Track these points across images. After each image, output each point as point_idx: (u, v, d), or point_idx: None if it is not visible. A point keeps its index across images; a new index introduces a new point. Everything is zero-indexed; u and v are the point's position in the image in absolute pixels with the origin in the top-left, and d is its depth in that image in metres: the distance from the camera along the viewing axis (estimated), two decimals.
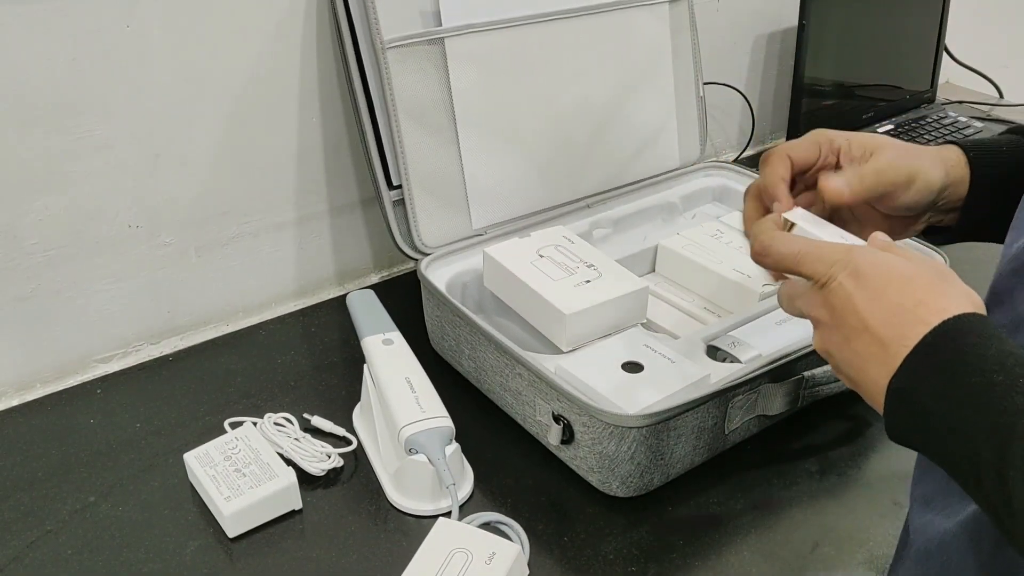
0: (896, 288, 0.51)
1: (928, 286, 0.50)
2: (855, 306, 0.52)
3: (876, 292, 0.51)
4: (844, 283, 0.53)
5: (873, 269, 0.52)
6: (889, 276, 0.51)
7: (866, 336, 0.51)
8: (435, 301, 0.87)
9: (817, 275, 0.55)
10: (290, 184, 1.00)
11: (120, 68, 0.84)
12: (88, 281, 0.90)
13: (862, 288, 0.52)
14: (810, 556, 0.71)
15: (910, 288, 0.50)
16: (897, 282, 0.51)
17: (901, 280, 0.51)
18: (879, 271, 0.52)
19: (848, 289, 0.52)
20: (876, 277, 0.52)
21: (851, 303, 0.52)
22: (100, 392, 0.89)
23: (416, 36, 0.89)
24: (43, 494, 0.76)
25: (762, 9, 1.34)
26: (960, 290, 0.51)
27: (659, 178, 1.08)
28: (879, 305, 0.51)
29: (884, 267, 0.52)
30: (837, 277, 0.53)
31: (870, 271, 0.52)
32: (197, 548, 0.71)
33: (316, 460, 0.76)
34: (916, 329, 0.48)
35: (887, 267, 0.52)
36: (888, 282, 0.51)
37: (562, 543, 0.71)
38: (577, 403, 0.71)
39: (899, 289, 0.51)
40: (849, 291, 0.52)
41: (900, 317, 0.49)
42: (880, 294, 0.51)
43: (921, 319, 0.49)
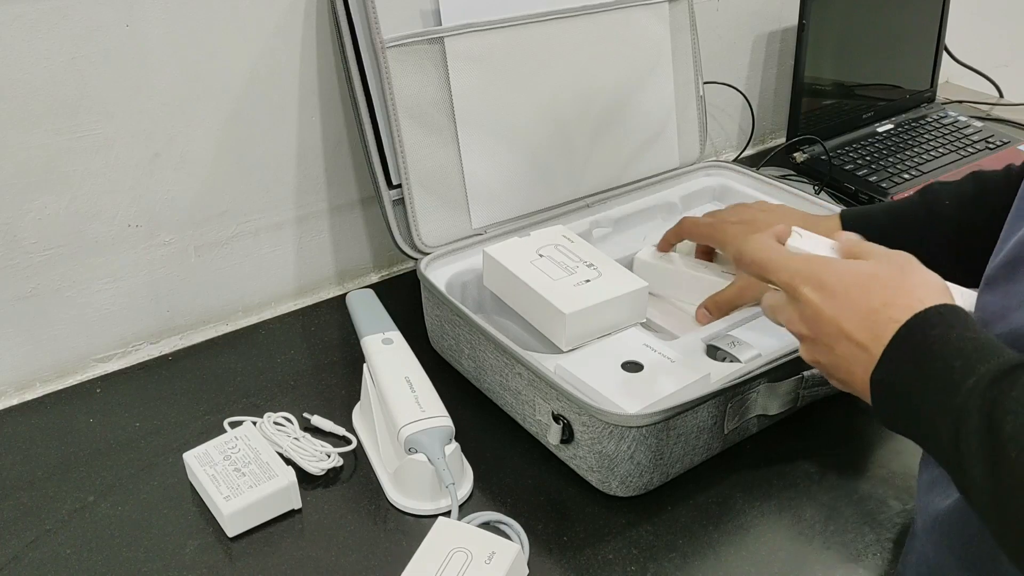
0: (860, 293, 0.55)
1: (891, 285, 0.54)
2: (827, 317, 0.56)
3: (843, 300, 0.55)
4: (810, 296, 0.57)
5: (835, 278, 0.56)
6: (852, 282, 0.55)
7: (845, 342, 0.55)
8: (435, 300, 0.87)
9: (782, 284, 0.59)
10: (290, 183, 1.00)
11: (120, 67, 0.84)
12: (87, 280, 0.90)
13: (829, 298, 0.56)
14: (810, 556, 0.71)
15: (874, 290, 0.54)
16: (860, 287, 0.55)
17: (864, 284, 0.55)
18: (841, 279, 0.56)
19: (816, 302, 0.56)
20: (839, 285, 0.55)
21: (823, 315, 0.56)
22: (99, 391, 0.89)
23: (416, 35, 0.89)
24: (42, 493, 0.76)
25: (762, 8, 1.34)
26: (922, 281, 0.55)
27: (659, 177, 1.08)
28: (849, 312, 0.54)
29: (846, 274, 0.56)
30: (801, 289, 0.57)
31: (832, 280, 0.56)
32: (196, 547, 0.71)
33: (316, 459, 0.76)
34: (888, 327, 0.52)
35: (848, 273, 0.56)
36: (851, 287, 0.55)
37: (562, 543, 0.71)
38: (577, 402, 0.71)
39: (864, 293, 0.54)
40: (817, 304, 0.56)
41: (872, 319, 0.53)
42: (847, 301, 0.55)
43: (891, 318, 0.52)
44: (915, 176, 1.24)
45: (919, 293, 0.53)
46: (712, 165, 1.11)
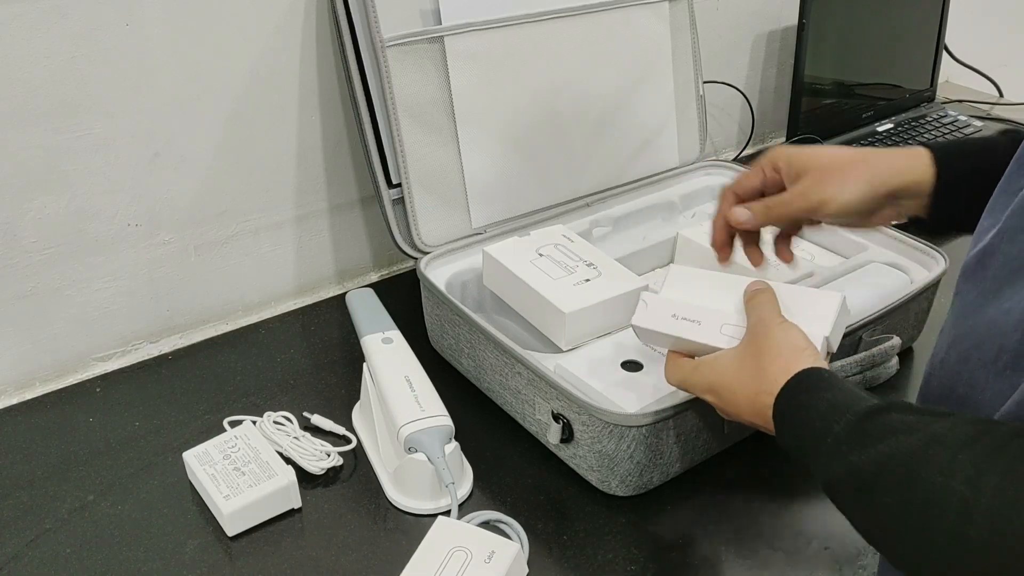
0: (739, 386, 0.64)
1: (754, 372, 0.63)
2: (731, 413, 0.66)
3: (730, 397, 0.65)
4: (712, 400, 0.67)
5: (717, 379, 0.66)
6: (729, 380, 0.65)
7: (756, 426, 0.64)
8: (435, 300, 0.87)
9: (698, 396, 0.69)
10: (290, 183, 1.00)
11: (119, 67, 0.84)
12: (87, 280, 0.90)
13: (721, 398, 0.66)
14: (809, 556, 0.71)
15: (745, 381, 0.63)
16: (737, 382, 0.64)
17: (737, 378, 0.64)
18: (720, 379, 0.65)
19: (718, 404, 0.66)
20: (722, 385, 0.65)
21: (728, 412, 0.66)
22: (99, 391, 0.89)
23: (416, 35, 0.89)
24: (42, 492, 0.76)
25: (762, 8, 1.34)
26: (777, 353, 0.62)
27: (659, 177, 1.08)
28: (740, 406, 0.64)
29: (721, 374, 0.66)
30: (705, 397, 0.67)
31: (715, 381, 0.66)
32: (196, 547, 0.71)
33: (315, 459, 0.76)
34: (767, 412, 0.61)
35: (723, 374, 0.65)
36: (732, 385, 0.64)
37: (561, 542, 0.71)
38: (576, 402, 0.71)
39: (741, 386, 0.64)
40: (719, 405, 0.66)
41: (755, 408, 0.62)
42: (734, 397, 0.64)
43: (765, 404, 0.61)
44: None
45: (775, 370, 0.61)
46: (712, 164, 1.11)
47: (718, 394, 0.66)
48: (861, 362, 0.77)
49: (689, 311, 0.70)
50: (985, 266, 0.58)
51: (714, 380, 0.66)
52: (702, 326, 0.69)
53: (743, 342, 0.66)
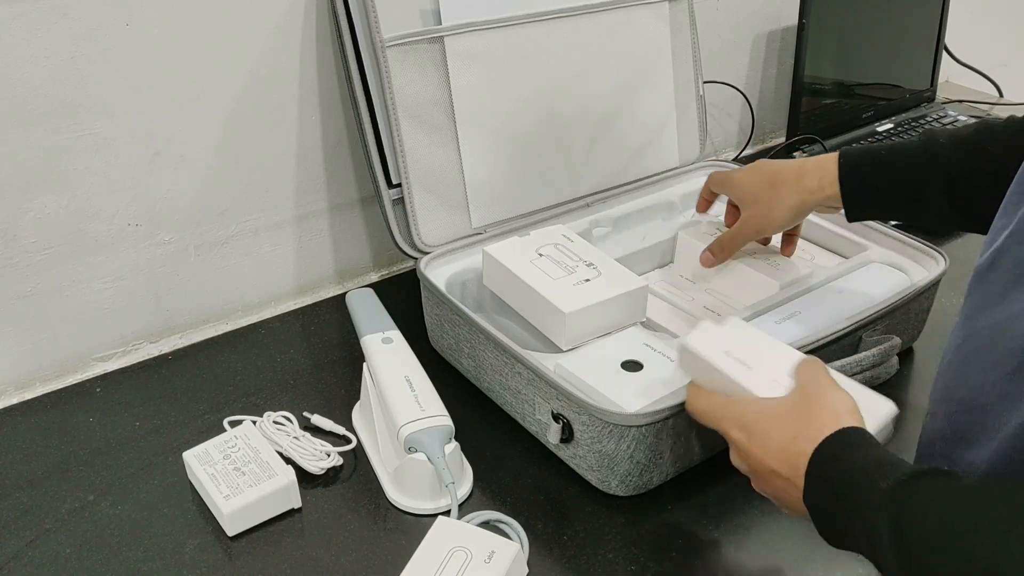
0: (776, 430, 0.61)
1: (800, 418, 0.60)
2: (754, 456, 0.62)
3: (762, 438, 0.61)
4: (737, 438, 0.63)
5: (753, 417, 0.62)
6: (767, 422, 0.62)
7: (775, 477, 0.60)
8: (434, 300, 0.87)
9: (719, 431, 0.65)
10: (290, 183, 1.00)
11: (119, 67, 0.84)
12: (87, 280, 0.90)
13: (752, 437, 0.62)
14: (809, 556, 0.71)
15: (785, 425, 0.60)
16: (775, 424, 0.61)
17: (776, 421, 0.61)
18: (758, 418, 0.62)
19: (743, 443, 0.63)
20: (757, 425, 0.62)
21: (751, 454, 0.62)
22: (99, 391, 0.89)
23: (416, 35, 0.89)
24: (42, 493, 0.76)
25: (762, 8, 1.34)
26: (824, 406, 0.60)
27: (659, 177, 1.08)
28: (769, 449, 0.61)
29: (760, 414, 0.62)
30: (730, 432, 0.64)
31: (751, 419, 0.63)
32: (196, 547, 0.71)
33: (315, 459, 0.76)
34: (801, 460, 0.58)
35: (762, 414, 0.62)
36: (768, 426, 0.61)
37: (561, 542, 0.71)
38: (576, 402, 0.71)
39: (778, 429, 0.60)
40: (744, 444, 0.63)
41: (787, 452, 0.59)
42: (766, 439, 0.61)
43: (801, 451, 0.58)
44: None
45: (822, 420, 0.59)
46: (712, 164, 1.11)
47: (749, 432, 0.62)
48: (861, 362, 0.77)
49: (745, 353, 0.67)
50: (995, 267, 0.57)
51: (750, 418, 0.63)
52: (752, 372, 0.66)
53: (791, 393, 0.63)
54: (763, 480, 0.62)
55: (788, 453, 0.59)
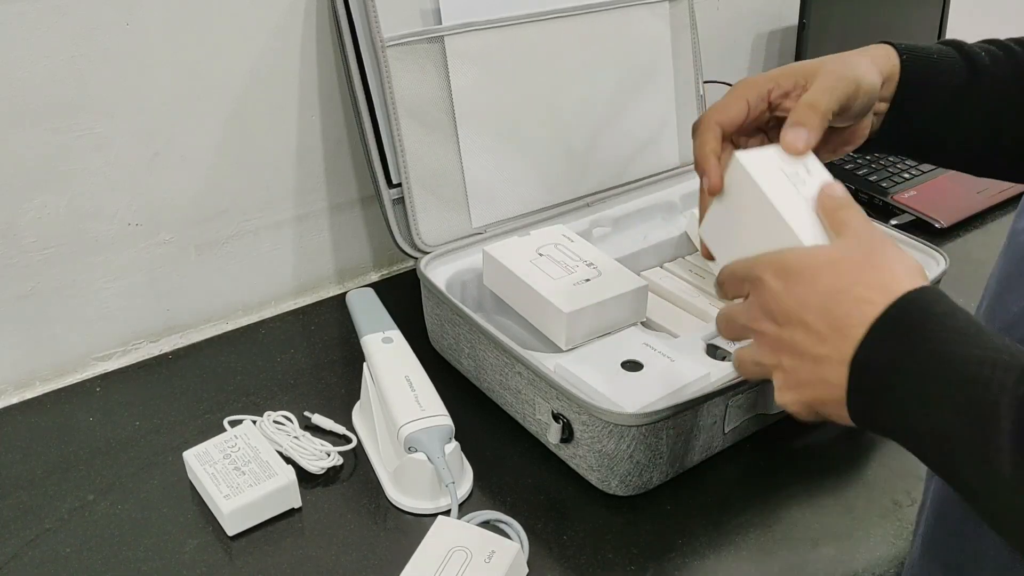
0: (827, 275, 0.48)
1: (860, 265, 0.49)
2: (786, 305, 0.49)
3: (808, 284, 0.49)
4: (771, 282, 0.51)
5: (798, 260, 0.50)
6: (817, 267, 0.49)
7: (802, 331, 0.49)
8: (435, 300, 0.87)
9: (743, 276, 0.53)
10: (290, 182, 1.00)
11: (119, 66, 0.84)
12: (87, 279, 0.90)
13: (792, 282, 0.50)
14: (809, 556, 0.71)
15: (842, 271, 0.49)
16: (827, 270, 0.49)
17: (829, 267, 0.49)
18: (805, 262, 0.50)
19: (777, 289, 0.50)
20: (803, 267, 0.50)
21: (781, 302, 0.50)
22: (99, 390, 0.89)
23: (416, 34, 0.89)
24: (42, 492, 0.76)
25: (762, 8, 1.34)
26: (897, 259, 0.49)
27: (659, 177, 1.08)
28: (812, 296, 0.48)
29: (809, 257, 0.50)
30: (763, 276, 0.51)
31: (795, 262, 0.50)
32: (196, 546, 0.71)
33: (315, 458, 0.76)
34: (863, 310, 0.47)
35: (811, 257, 0.50)
36: (818, 272, 0.49)
37: (561, 542, 0.71)
38: (576, 402, 0.71)
39: (831, 275, 0.48)
40: (778, 290, 0.50)
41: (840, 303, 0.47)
42: (811, 285, 0.49)
43: (866, 299, 0.47)
44: (915, 176, 1.24)
45: (895, 271, 0.48)
46: None
47: (789, 276, 0.50)
48: None
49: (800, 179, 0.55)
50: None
51: (794, 261, 0.50)
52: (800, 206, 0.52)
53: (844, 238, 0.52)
54: (773, 339, 0.51)
55: (840, 302, 0.47)
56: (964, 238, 1.10)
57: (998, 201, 1.20)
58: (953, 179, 1.24)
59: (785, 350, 0.51)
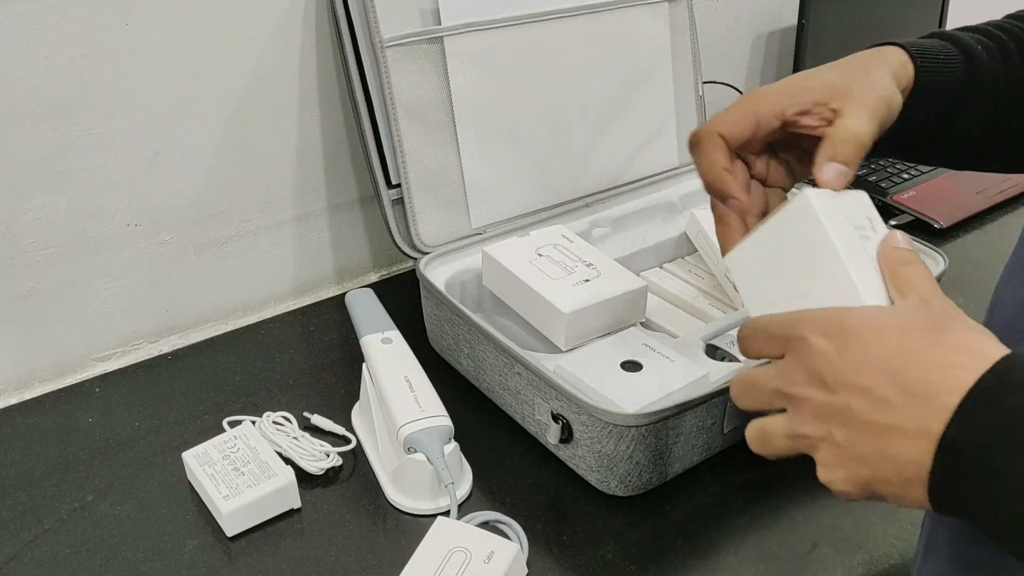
0: (889, 337, 0.42)
1: (930, 327, 0.42)
2: (840, 369, 0.42)
3: (866, 347, 0.42)
4: (818, 342, 0.43)
5: (853, 320, 0.43)
6: (876, 328, 0.42)
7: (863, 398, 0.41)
8: (434, 300, 0.87)
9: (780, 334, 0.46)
10: (289, 182, 1.00)
11: (119, 66, 0.84)
12: (87, 280, 0.90)
13: (846, 344, 0.42)
14: (809, 556, 0.71)
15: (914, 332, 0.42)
16: (889, 332, 0.42)
17: (891, 330, 0.42)
18: (861, 322, 0.43)
19: (827, 351, 0.43)
20: (857, 328, 0.42)
21: (834, 365, 0.42)
22: (99, 391, 0.89)
23: (415, 35, 0.89)
24: (41, 493, 0.76)
25: (762, 8, 1.34)
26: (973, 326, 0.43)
27: (658, 177, 1.08)
28: (873, 359, 0.41)
29: (864, 317, 0.43)
30: (808, 339, 0.44)
31: (849, 322, 0.43)
32: (196, 547, 0.71)
33: (315, 459, 0.76)
34: (953, 373, 0.39)
35: (867, 316, 0.43)
36: (878, 334, 0.42)
37: (561, 542, 0.71)
38: (576, 402, 0.71)
39: (895, 336, 0.41)
40: (828, 353, 0.43)
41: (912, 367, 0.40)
42: (871, 347, 0.42)
43: (950, 361, 0.40)
44: (914, 176, 1.24)
45: (973, 335, 0.41)
46: None
47: (844, 336, 0.43)
48: None
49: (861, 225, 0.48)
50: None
51: (848, 320, 0.43)
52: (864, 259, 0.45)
53: (907, 298, 0.44)
54: (821, 407, 0.43)
55: (916, 364, 0.40)
56: (963, 238, 1.10)
57: (997, 201, 1.20)
58: (952, 179, 1.24)
59: (837, 419, 0.43)
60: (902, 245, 0.47)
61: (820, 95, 0.55)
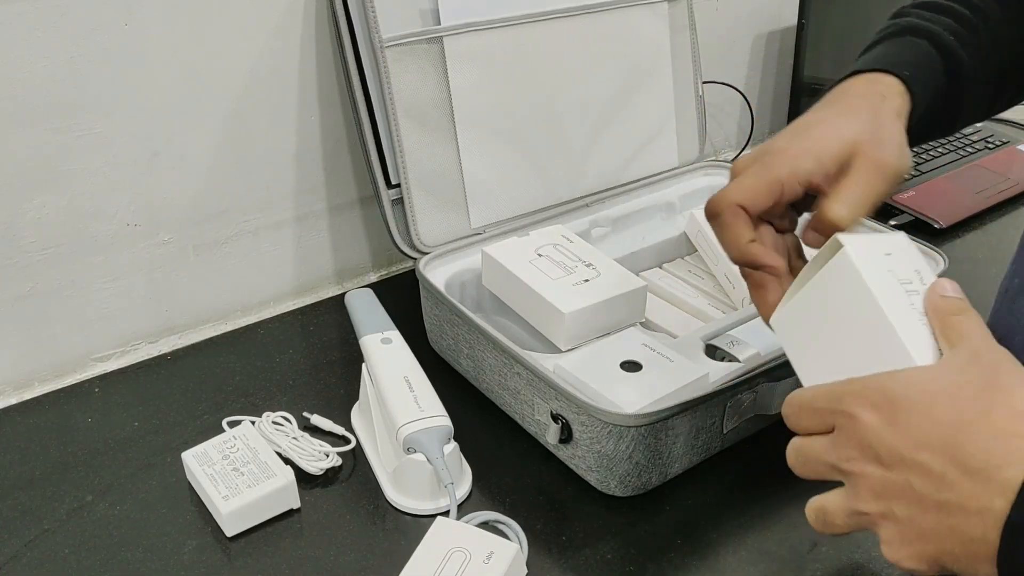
0: (945, 406, 0.39)
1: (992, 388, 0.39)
2: (893, 444, 0.40)
3: (921, 419, 0.40)
4: (868, 418, 0.41)
5: (903, 388, 0.41)
6: (930, 395, 0.40)
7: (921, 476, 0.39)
8: (433, 300, 0.87)
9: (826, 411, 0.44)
10: (289, 183, 1.00)
11: (119, 66, 0.84)
12: (86, 280, 0.90)
13: (896, 415, 0.40)
14: (808, 556, 0.70)
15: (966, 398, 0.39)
16: (943, 400, 0.39)
17: (945, 397, 0.40)
18: (912, 388, 0.40)
19: (877, 426, 0.41)
20: (909, 397, 0.40)
21: (887, 441, 0.40)
22: (98, 391, 0.89)
23: (415, 35, 0.89)
24: (41, 493, 0.76)
25: (761, 8, 1.34)
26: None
27: (658, 177, 1.08)
28: (929, 433, 0.39)
29: (915, 383, 0.41)
30: (856, 413, 0.42)
31: (898, 390, 0.41)
32: (195, 547, 0.71)
33: (314, 459, 0.76)
34: (1014, 444, 0.37)
35: (918, 382, 0.41)
36: (932, 402, 0.40)
37: (560, 542, 0.71)
38: (575, 402, 0.71)
39: (950, 406, 0.39)
40: (878, 428, 0.41)
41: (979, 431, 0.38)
42: (925, 419, 0.39)
43: (1011, 431, 0.38)
44: (914, 176, 1.24)
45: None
46: (711, 165, 1.11)
47: (894, 408, 0.41)
48: None
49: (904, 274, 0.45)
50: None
51: (897, 389, 0.41)
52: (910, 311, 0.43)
53: (955, 355, 0.42)
54: (878, 484, 0.41)
55: (972, 436, 0.38)
56: (963, 238, 1.10)
57: (997, 201, 1.20)
58: (952, 179, 1.24)
59: (896, 496, 0.41)
60: (950, 294, 0.45)
61: (842, 158, 0.54)
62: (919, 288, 0.45)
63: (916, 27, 0.63)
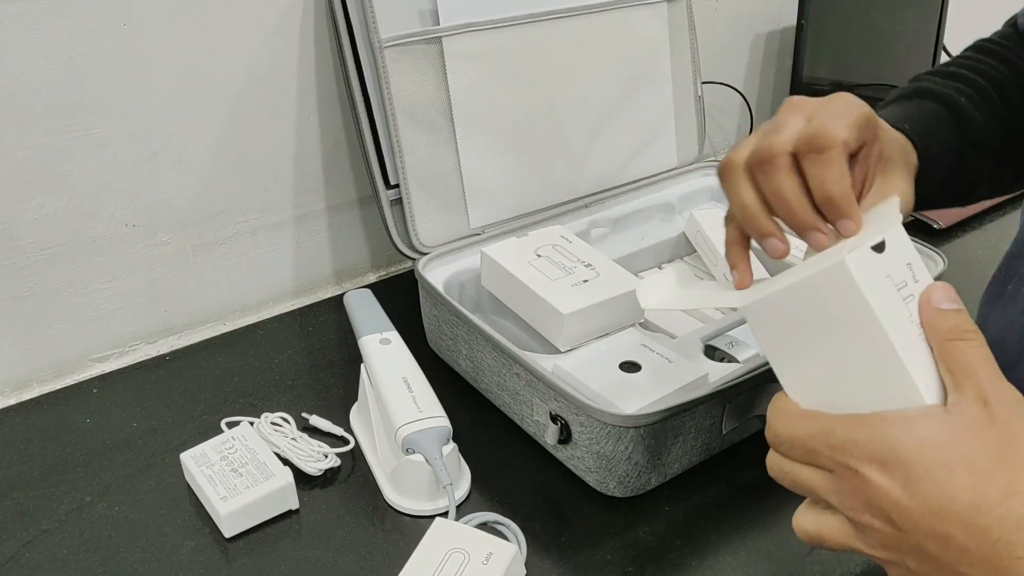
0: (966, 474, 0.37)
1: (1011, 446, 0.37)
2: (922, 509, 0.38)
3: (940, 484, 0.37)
4: (877, 479, 0.38)
5: (915, 447, 0.38)
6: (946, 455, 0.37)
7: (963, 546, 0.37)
8: (432, 301, 0.87)
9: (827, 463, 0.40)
10: (288, 183, 0.99)
11: (117, 67, 0.84)
12: (85, 280, 0.90)
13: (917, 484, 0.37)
14: (808, 557, 0.70)
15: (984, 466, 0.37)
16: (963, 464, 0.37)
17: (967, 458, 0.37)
18: (927, 449, 0.37)
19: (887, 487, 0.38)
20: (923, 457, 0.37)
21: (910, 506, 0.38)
22: (97, 391, 0.89)
23: (414, 35, 0.89)
24: (39, 493, 0.76)
25: (761, 8, 1.34)
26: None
27: (657, 178, 1.08)
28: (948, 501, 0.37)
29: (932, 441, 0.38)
30: (862, 471, 0.39)
31: (912, 457, 0.37)
32: (193, 548, 0.71)
33: (313, 460, 0.76)
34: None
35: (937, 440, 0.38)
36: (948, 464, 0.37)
37: (559, 543, 0.71)
38: (574, 403, 0.71)
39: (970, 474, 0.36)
40: (890, 488, 0.38)
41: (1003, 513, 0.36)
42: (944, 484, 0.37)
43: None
44: None
45: None
46: (711, 165, 1.11)
47: (905, 476, 0.38)
48: None
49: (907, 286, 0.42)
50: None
51: (907, 446, 0.38)
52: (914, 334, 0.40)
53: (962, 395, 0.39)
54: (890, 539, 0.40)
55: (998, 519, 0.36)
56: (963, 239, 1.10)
57: (997, 202, 1.20)
58: None
59: (911, 554, 0.40)
60: (945, 305, 0.41)
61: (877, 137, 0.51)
62: (914, 290, 0.42)
63: (927, 90, 0.63)
